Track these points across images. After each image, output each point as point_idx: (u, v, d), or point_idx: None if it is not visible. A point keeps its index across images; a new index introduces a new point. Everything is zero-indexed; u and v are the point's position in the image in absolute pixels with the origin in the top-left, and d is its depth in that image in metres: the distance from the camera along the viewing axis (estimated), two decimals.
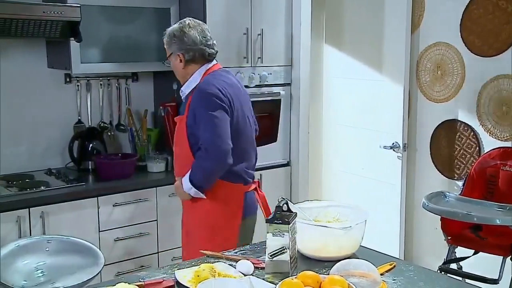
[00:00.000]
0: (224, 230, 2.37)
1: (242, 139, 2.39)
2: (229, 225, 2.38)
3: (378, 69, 3.60)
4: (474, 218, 2.60)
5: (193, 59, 2.39)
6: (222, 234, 2.35)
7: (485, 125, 3.22)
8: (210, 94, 2.28)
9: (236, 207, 2.38)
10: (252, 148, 2.50)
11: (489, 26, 3.13)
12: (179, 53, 2.38)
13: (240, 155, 2.37)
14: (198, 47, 2.38)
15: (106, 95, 3.41)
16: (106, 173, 2.93)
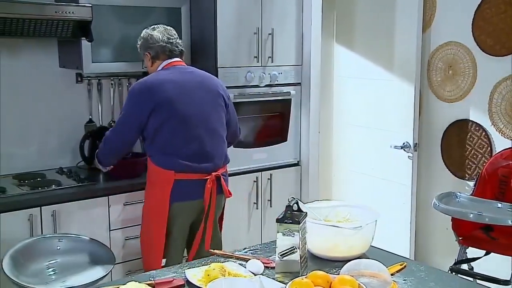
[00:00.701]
0: (154, 212, 2.61)
1: (179, 132, 2.56)
2: (159, 208, 2.58)
3: (389, 69, 3.59)
4: (485, 219, 2.58)
5: (156, 55, 2.71)
6: (154, 216, 2.61)
7: (497, 125, 3.19)
8: (132, 89, 2.63)
9: (165, 191, 2.56)
10: (201, 144, 2.61)
11: (501, 25, 3.11)
12: (146, 52, 2.72)
13: (174, 146, 2.56)
14: (159, 44, 2.68)
15: (117, 95, 3.42)
16: (117, 172, 2.95)
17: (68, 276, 2.09)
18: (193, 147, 2.58)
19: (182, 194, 2.57)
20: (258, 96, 3.39)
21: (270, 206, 3.49)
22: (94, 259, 2.22)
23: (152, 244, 2.61)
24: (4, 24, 2.60)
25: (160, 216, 2.58)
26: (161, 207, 2.57)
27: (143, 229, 2.71)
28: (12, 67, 3.05)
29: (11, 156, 3.08)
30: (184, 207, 2.60)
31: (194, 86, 2.65)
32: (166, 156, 2.57)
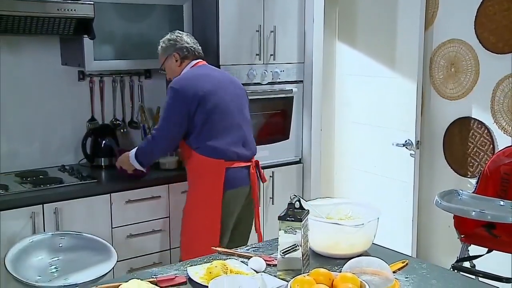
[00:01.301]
0: (207, 202, 2.68)
1: (218, 120, 2.69)
2: (212, 197, 2.66)
3: (391, 66, 3.58)
4: (487, 216, 2.57)
5: (186, 56, 2.84)
6: (206, 206, 2.68)
7: (499, 122, 3.19)
8: (172, 88, 2.68)
9: (217, 180, 2.66)
10: (242, 132, 2.78)
11: (504, 23, 3.10)
12: (175, 53, 2.83)
13: (217, 134, 2.68)
14: (190, 46, 2.84)
15: (119, 92, 3.42)
16: (122, 170, 2.94)
17: (70, 273, 2.09)
18: (237, 135, 2.73)
19: (233, 181, 2.70)
20: (260, 93, 3.39)
21: (272, 203, 3.49)
22: (96, 256, 2.22)
23: (206, 234, 2.65)
24: (6, 22, 2.60)
25: (214, 205, 2.67)
26: (215, 196, 2.67)
27: (191, 221, 2.76)
28: (14, 65, 3.06)
29: (13, 153, 3.08)
30: (236, 194, 2.73)
31: (227, 80, 2.84)
32: (215, 146, 2.67)
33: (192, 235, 2.74)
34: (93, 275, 2.03)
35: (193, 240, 2.71)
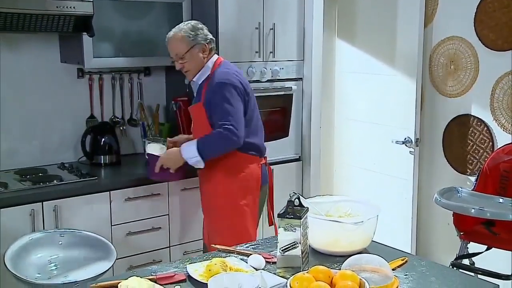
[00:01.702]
0: (245, 199, 2.66)
1: (255, 117, 2.72)
2: (250, 193, 2.68)
3: (391, 64, 3.58)
4: (487, 214, 2.58)
5: (211, 49, 2.72)
6: (244, 202, 2.66)
7: (499, 120, 3.19)
8: (229, 84, 2.58)
9: (256, 176, 2.69)
10: (262, 126, 2.83)
11: (503, 20, 3.10)
12: (205, 43, 2.68)
13: (255, 131, 2.71)
14: (213, 39, 2.74)
15: (118, 90, 3.42)
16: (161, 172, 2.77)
17: (70, 271, 2.09)
18: (263, 132, 2.80)
19: (264, 177, 2.75)
20: (259, 91, 3.39)
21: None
22: (95, 254, 2.22)
23: (244, 228, 2.67)
24: (5, 19, 2.60)
25: (253, 200, 2.69)
26: (254, 191, 2.69)
27: (225, 216, 2.68)
28: (14, 62, 3.05)
29: (13, 151, 3.08)
30: (265, 190, 2.80)
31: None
32: (254, 142, 2.69)
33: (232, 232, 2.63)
34: (92, 273, 2.03)
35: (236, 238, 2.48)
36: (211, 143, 2.59)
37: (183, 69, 2.68)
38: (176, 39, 2.65)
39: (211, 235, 2.74)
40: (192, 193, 3.10)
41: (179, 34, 2.65)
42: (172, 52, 2.69)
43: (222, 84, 2.57)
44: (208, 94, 2.61)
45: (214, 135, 2.56)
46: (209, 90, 2.60)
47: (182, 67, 2.68)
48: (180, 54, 2.65)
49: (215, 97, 2.57)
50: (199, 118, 2.67)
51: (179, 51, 2.65)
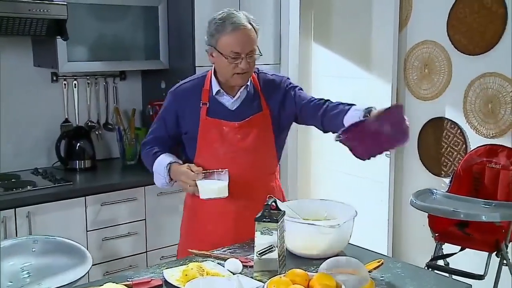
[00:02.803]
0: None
1: None
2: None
3: (366, 68, 3.61)
4: (460, 215, 2.62)
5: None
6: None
7: (472, 122, 3.24)
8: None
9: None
10: None
11: (474, 25, 3.16)
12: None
13: None
14: None
15: (94, 94, 3.39)
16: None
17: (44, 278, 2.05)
18: None
19: None
20: None
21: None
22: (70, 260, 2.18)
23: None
24: None
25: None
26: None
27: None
28: None
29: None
30: None
31: None
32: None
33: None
34: (67, 280, 1.99)
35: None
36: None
37: (249, 68, 2.03)
38: (251, 28, 2.04)
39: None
40: (169, 198, 3.08)
41: (250, 23, 2.06)
42: (249, 45, 2.01)
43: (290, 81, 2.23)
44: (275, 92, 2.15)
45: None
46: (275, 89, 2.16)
47: (250, 66, 2.04)
48: (254, 46, 2.04)
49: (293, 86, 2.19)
50: (263, 129, 2.15)
51: (255, 43, 2.04)
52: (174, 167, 2.07)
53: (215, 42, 2.02)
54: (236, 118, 2.10)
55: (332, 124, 2.10)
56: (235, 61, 1.99)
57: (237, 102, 2.11)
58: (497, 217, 2.59)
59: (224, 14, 2.04)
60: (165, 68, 3.33)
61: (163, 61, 3.32)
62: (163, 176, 2.09)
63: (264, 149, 2.19)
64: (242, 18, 2.03)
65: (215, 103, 2.10)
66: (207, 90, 2.11)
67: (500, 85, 3.09)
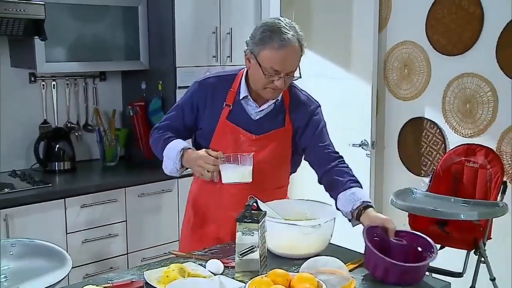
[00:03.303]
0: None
1: None
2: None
3: (347, 68, 3.64)
4: (440, 214, 2.65)
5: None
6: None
7: (450, 122, 3.28)
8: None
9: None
10: None
11: (452, 26, 3.20)
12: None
13: None
14: None
15: (73, 95, 3.35)
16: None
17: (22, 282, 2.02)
18: None
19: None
20: None
21: None
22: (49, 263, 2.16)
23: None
24: None
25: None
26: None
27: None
28: None
29: None
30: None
31: None
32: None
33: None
34: (46, 283, 1.97)
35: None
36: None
37: (284, 86, 1.96)
38: (298, 48, 1.91)
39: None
40: (150, 199, 3.07)
41: (299, 40, 1.92)
42: (292, 65, 1.92)
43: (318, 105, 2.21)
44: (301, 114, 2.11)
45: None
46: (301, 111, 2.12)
47: (285, 85, 1.97)
48: (296, 67, 1.96)
49: (320, 120, 2.18)
50: (281, 144, 2.09)
51: (298, 63, 1.96)
52: (189, 152, 1.96)
53: (257, 51, 1.90)
54: (255, 130, 2.03)
55: (327, 189, 2.09)
56: (272, 77, 1.90)
57: (261, 112, 2.04)
58: (475, 215, 2.62)
59: (276, 25, 1.89)
60: (146, 68, 3.31)
61: (143, 61, 3.30)
62: (174, 161, 1.98)
63: (277, 163, 2.11)
64: (293, 35, 1.88)
65: (238, 108, 2.02)
66: (234, 92, 2.03)
67: (477, 85, 3.13)
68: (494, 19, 3.02)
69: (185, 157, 1.97)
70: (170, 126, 2.09)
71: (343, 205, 1.96)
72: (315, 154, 2.12)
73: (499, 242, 3.01)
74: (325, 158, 2.10)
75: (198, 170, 1.92)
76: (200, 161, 1.90)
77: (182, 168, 2.00)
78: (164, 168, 2.05)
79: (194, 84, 2.12)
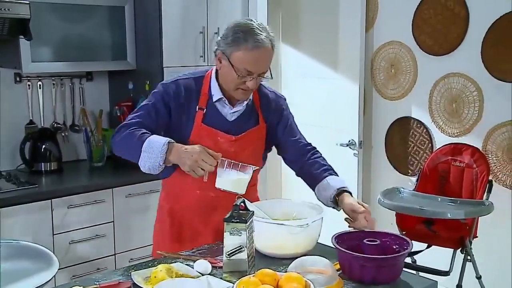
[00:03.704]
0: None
1: None
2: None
3: (334, 68, 3.65)
4: (427, 213, 2.67)
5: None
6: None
7: (437, 122, 3.31)
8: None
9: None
10: None
11: (438, 26, 3.22)
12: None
13: None
14: None
15: (60, 95, 3.32)
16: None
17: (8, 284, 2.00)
18: None
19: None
20: None
21: None
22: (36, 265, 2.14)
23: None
24: None
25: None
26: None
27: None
28: None
29: None
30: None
31: None
32: None
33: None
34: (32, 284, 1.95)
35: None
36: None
37: (255, 87, 1.97)
38: (270, 49, 1.95)
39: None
40: (137, 199, 3.06)
41: (271, 41, 1.95)
42: (264, 66, 1.95)
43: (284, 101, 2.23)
44: (282, 114, 2.15)
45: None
46: (276, 110, 2.14)
47: (257, 85, 1.98)
48: (268, 68, 1.99)
49: (288, 114, 2.20)
50: (257, 144, 2.11)
51: (269, 64, 1.99)
52: (177, 146, 1.84)
53: (230, 52, 1.87)
54: (233, 131, 2.00)
55: (306, 182, 2.15)
56: (244, 78, 1.89)
57: (236, 113, 2.01)
58: (462, 214, 2.65)
59: (249, 26, 1.88)
60: (133, 68, 3.30)
61: (131, 61, 3.29)
62: (157, 156, 1.83)
63: (254, 163, 2.04)
64: (266, 36, 1.89)
65: (213, 110, 1.98)
66: (206, 94, 1.98)
67: (463, 85, 3.16)
68: (479, 20, 3.05)
69: (172, 150, 1.84)
70: (141, 124, 1.94)
71: (321, 196, 2.03)
72: (289, 149, 2.15)
73: (485, 241, 3.04)
74: (299, 152, 2.14)
75: (192, 166, 1.80)
76: (197, 157, 1.79)
77: (164, 164, 1.86)
78: (142, 166, 1.89)
79: (161, 86, 2.01)
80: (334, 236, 1.74)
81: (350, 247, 1.69)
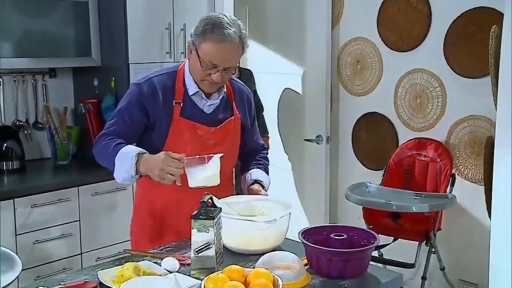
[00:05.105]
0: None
1: None
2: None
3: (301, 64, 3.67)
4: (393, 207, 2.72)
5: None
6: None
7: (402, 117, 3.36)
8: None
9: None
10: None
11: (402, 23, 3.27)
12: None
13: None
14: None
15: (21, 92, 3.24)
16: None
17: None
18: None
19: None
20: None
21: None
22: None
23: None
24: None
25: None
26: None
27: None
28: None
29: None
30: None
31: None
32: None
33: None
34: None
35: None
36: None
37: (221, 81, 1.96)
38: (238, 45, 1.91)
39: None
40: (104, 197, 3.01)
41: (241, 37, 1.92)
42: (230, 61, 1.92)
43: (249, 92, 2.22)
44: (249, 106, 2.17)
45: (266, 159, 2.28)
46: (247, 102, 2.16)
47: (223, 80, 1.96)
48: (234, 64, 2.00)
49: (254, 112, 2.23)
50: (234, 135, 2.11)
51: (236, 60, 1.99)
52: (145, 157, 1.85)
53: (198, 43, 1.89)
54: (211, 123, 2.00)
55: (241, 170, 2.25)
56: (209, 70, 1.89)
57: (212, 106, 2.02)
58: (426, 207, 2.70)
59: (219, 19, 1.88)
60: (98, 65, 3.25)
61: (95, 58, 3.23)
62: (128, 168, 1.85)
63: (232, 155, 2.12)
64: (234, 31, 1.88)
65: (189, 104, 1.98)
66: (181, 88, 1.98)
67: (427, 80, 3.22)
68: (441, 17, 3.11)
69: (141, 162, 1.85)
70: (117, 132, 1.96)
71: (242, 184, 2.17)
72: (249, 146, 2.22)
73: (448, 233, 3.11)
74: (255, 151, 2.25)
75: (160, 175, 1.80)
76: (162, 164, 1.79)
77: (136, 175, 1.87)
78: (116, 177, 1.92)
79: (135, 86, 2.01)
80: (301, 231, 1.75)
81: (317, 242, 1.70)
